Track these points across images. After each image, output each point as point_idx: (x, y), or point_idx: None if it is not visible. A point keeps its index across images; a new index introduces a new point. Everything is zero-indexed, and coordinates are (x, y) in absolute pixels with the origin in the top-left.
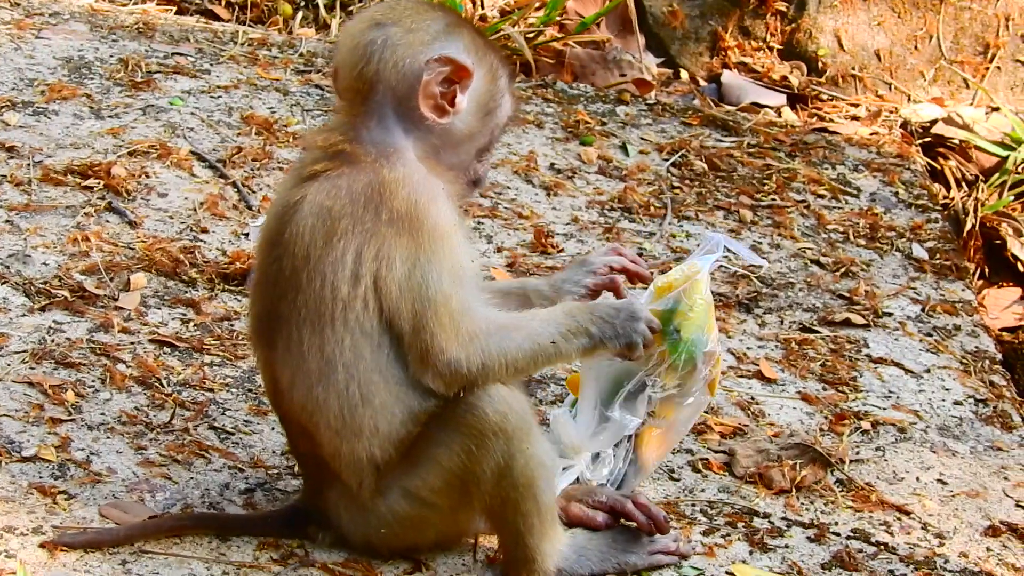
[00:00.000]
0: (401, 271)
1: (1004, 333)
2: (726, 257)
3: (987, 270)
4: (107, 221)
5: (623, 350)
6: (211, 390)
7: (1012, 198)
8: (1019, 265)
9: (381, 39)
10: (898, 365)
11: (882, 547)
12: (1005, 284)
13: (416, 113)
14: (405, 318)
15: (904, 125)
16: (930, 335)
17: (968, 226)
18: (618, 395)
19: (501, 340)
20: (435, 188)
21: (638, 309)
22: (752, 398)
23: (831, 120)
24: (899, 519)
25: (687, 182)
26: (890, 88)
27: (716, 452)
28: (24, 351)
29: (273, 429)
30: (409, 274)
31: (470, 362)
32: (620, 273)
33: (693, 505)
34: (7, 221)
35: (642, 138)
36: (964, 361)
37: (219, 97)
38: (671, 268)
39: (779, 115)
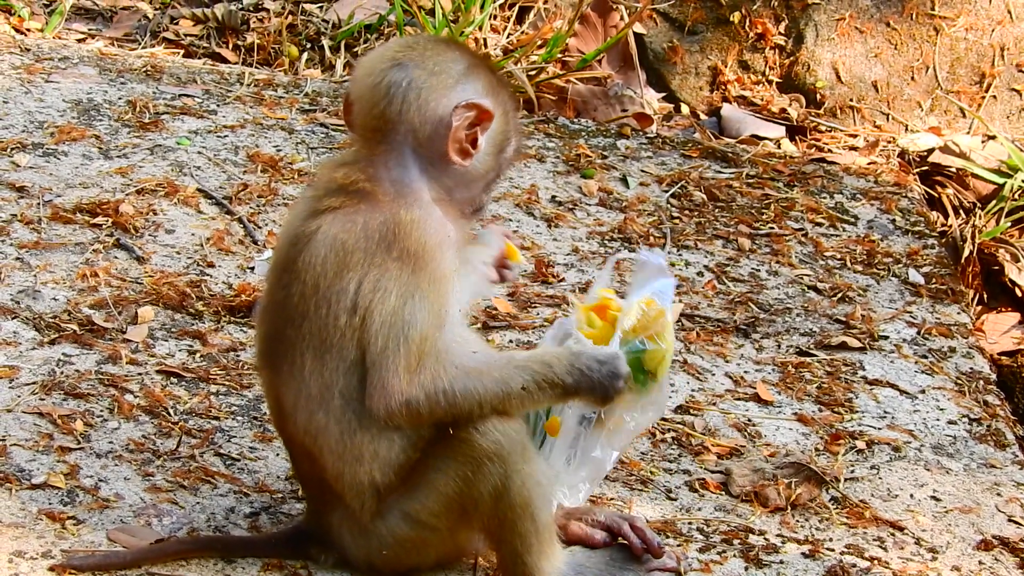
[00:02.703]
0: (392, 305)
1: (1003, 357)
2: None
3: (985, 296)
4: (115, 257)
5: (595, 402)
6: (217, 418)
7: (1009, 224)
8: (1017, 291)
9: (405, 81)
10: (893, 386)
11: (876, 562)
12: (1004, 309)
13: (438, 155)
14: (374, 350)
15: (902, 154)
16: (925, 357)
17: (966, 253)
18: (600, 435)
19: (468, 382)
20: (446, 233)
21: (620, 367)
22: (749, 420)
23: (829, 151)
24: (893, 535)
25: (686, 212)
26: (887, 118)
27: (713, 472)
28: (34, 383)
29: (278, 455)
30: (398, 309)
31: (432, 402)
32: None
33: (690, 523)
34: (17, 258)
35: (642, 170)
36: (959, 382)
37: (225, 136)
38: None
39: (778, 146)
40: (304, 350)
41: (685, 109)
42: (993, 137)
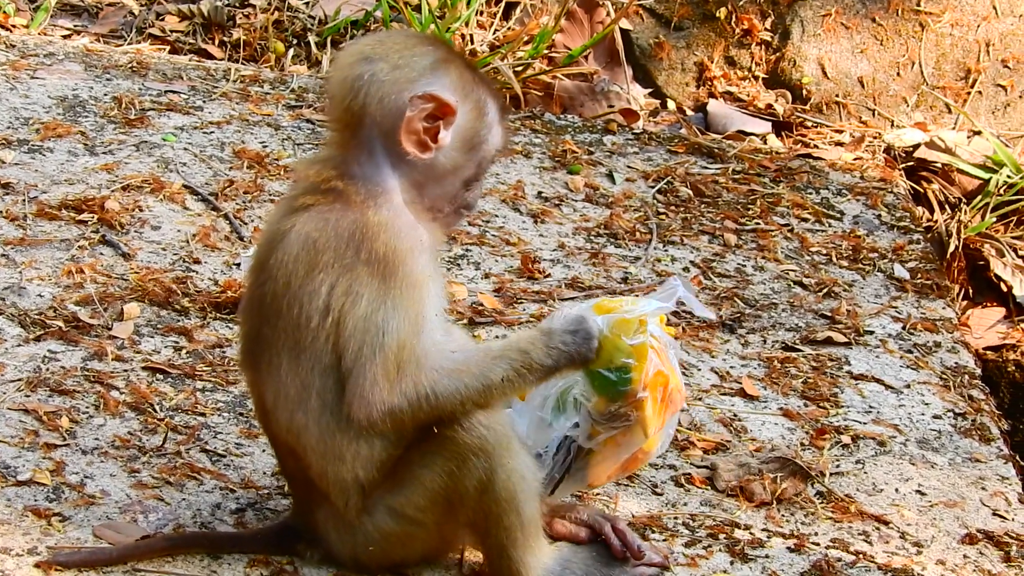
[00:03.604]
0: (364, 310)
1: (988, 352)
2: (679, 305)
3: (971, 291)
4: (101, 254)
5: (577, 368)
6: (203, 414)
7: (995, 220)
8: (1002, 285)
9: (368, 74)
10: (878, 381)
11: (861, 556)
12: (989, 304)
13: (400, 148)
14: (348, 357)
15: (887, 150)
16: (910, 352)
17: (952, 248)
18: (548, 399)
19: (450, 384)
20: (416, 237)
21: (591, 328)
22: (734, 415)
23: (815, 146)
24: (878, 529)
25: (672, 208)
26: (873, 114)
27: (699, 467)
28: (19, 379)
29: (264, 451)
30: (370, 315)
31: (415, 408)
32: None
33: (676, 518)
34: (2, 255)
35: (628, 166)
36: (944, 376)
37: (211, 133)
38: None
39: (764, 142)
40: (280, 350)
41: (671, 105)
42: (979, 132)
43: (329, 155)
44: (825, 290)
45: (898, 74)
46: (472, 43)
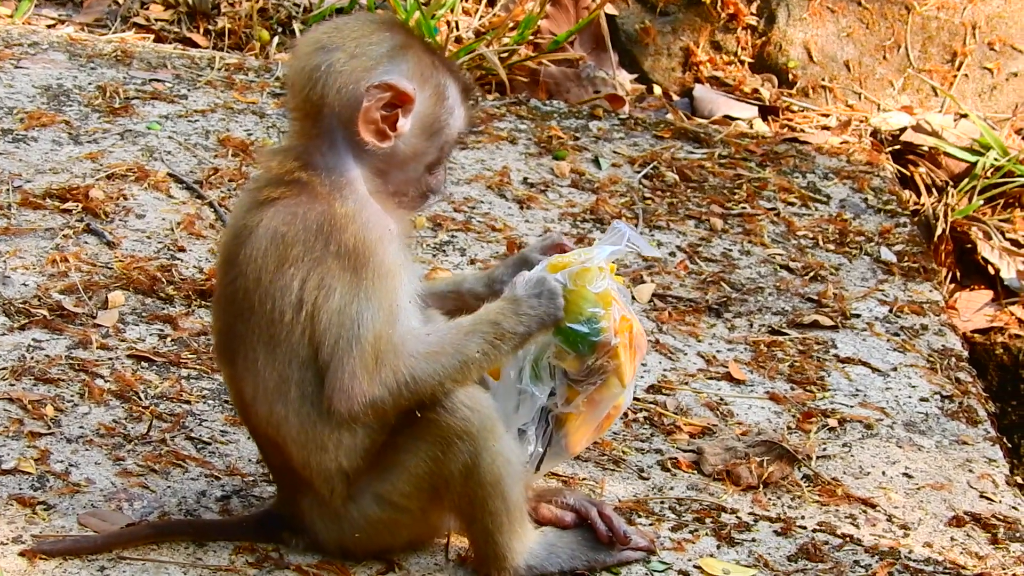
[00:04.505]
0: (337, 303)
1: (976, 335)
2: (629, 249)
3: (959, 274)
4: (85, 242)
5: (549, 329)
6: (188, 402)
7: (982, 202)
8: (989, 268)
9: (325, 64)
10: (865, 364)
11: (847, 539)
12: (976, 287)
13: (360, 138)
14: (325, 351)
15: (874, 133)
16: (897, 335)
17: (939, 231)
18: (523, 370)
19: (428, 367)
20: (384, 227)
21: (554, 287)
22: (721, 399)
23: (801, 130)
24: (864, 512)
25: (659, 193)
26: (860, 98)
27: (685, 451)
28: (4, 368)
29: (249, 439)
30: (344, 308)
31: (397, 396)
32: None
33: (662, 503)
34: None
35: (614, 151)
36: (931, 359)
37: (196, 121)
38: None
39: (750, 126)
40: (255, 344)
41: (657, 90)
42: (965, 115)
43: (291, 145)
44: (812, 274)
45: (884, 57)
46: (457, 30)
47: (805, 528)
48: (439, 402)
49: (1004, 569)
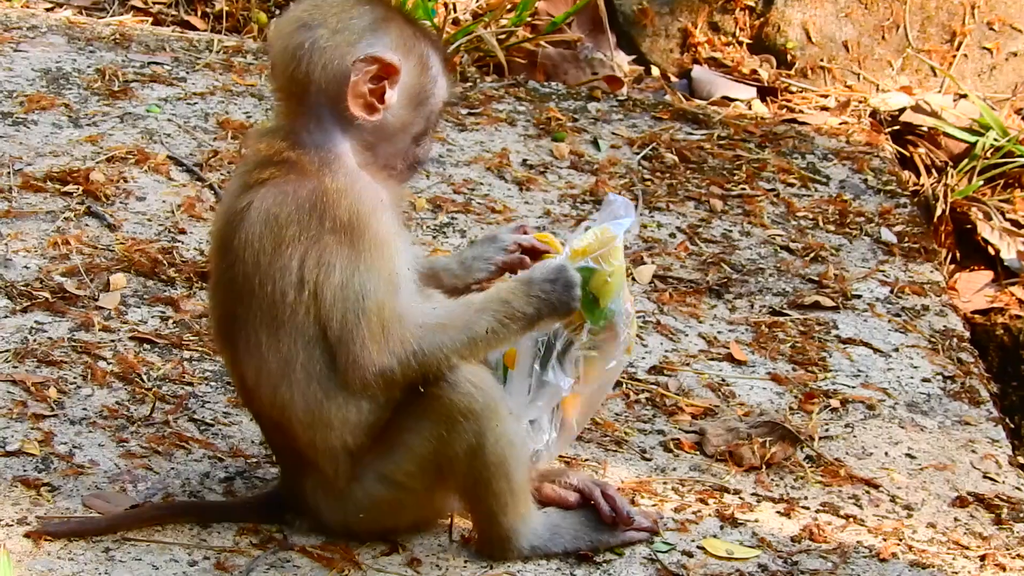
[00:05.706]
0: (339, 279)
1: (976, 316)
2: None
3: (959, 254)
4: (86, 225)
5: (559, 318)
6: (190, 384)
7: (982, 183)
8: (990, 249)
9: (309, 41)
10: (867, 345)
11: (851, 520)
12: (976, 268)
13: (348, 112)
14: (335, 326)
15: (873, 114)
16: (899, 315)
17: (939, 212)
18: (551, 358)
19: (435, 338)
20: (376, 197)
21: (572, 277)
22: (723, 380)
23: (800, 111)
24: (868, 492)
25: (658, 174)
26: (858, 78)
27: (687, 432)
28: (7, 351)
29: (251, 420)
30: (346, 282)
31: (404, 366)
32: (528, 252)
33: (665, 483)
34: None
35: (613, 133)
36: (932, 340)
37: (195, 103)
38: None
39: (749, 108)
40: (257, 327)
41: (655, 71)
42: (964, 95)
43: (278, 126)
44: (812, 255)
45: (883, 38)
46: (455, 11)
47: (808, 509)
48: (443, 377)
49: (1008, 549)
